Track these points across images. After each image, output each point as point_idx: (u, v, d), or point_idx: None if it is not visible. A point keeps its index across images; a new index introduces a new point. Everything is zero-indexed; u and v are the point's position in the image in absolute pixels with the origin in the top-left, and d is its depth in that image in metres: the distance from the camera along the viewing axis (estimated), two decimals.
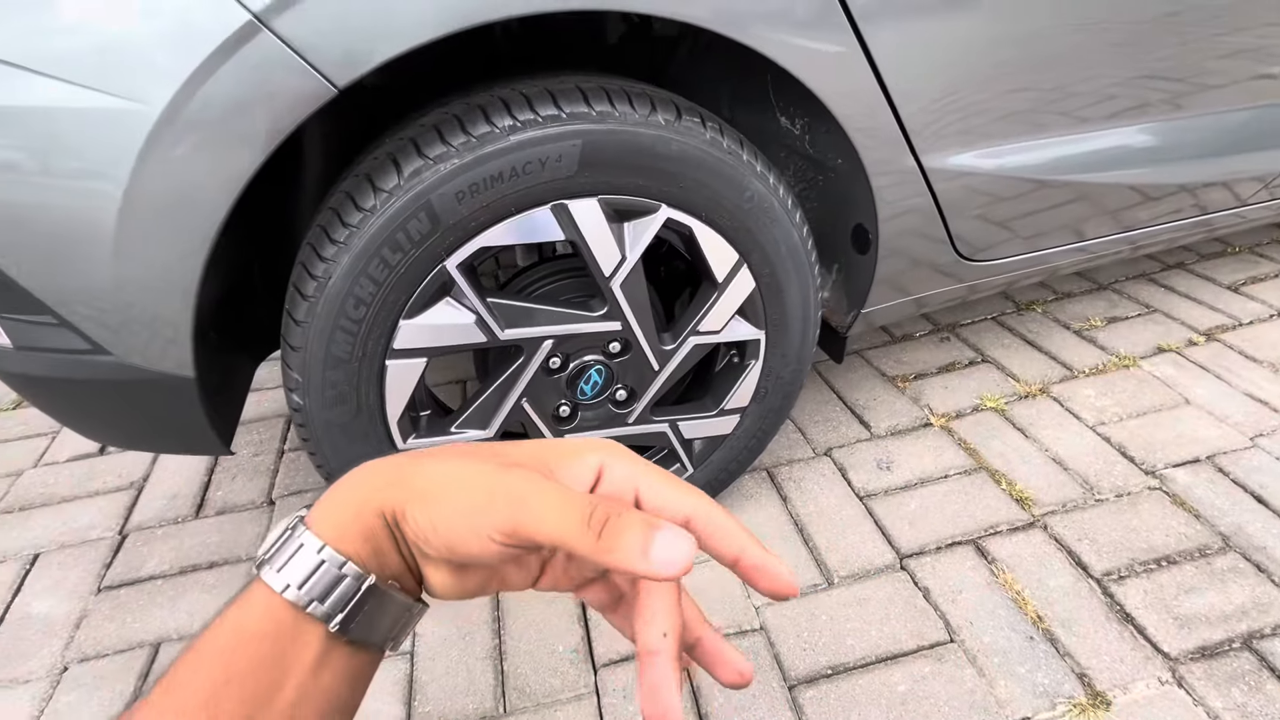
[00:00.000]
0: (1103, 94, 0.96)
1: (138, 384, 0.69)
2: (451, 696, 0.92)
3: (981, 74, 0.83)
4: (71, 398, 0.73)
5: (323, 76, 0.57)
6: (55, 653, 1.02)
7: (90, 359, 0.67)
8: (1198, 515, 1.07)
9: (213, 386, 0.76)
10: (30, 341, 0.68)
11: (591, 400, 0.90)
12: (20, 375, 0.72)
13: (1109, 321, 1.53)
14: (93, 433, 0.83)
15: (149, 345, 0.67)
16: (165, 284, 0.63)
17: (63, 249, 0.61)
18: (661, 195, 0.75)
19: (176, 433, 0.77)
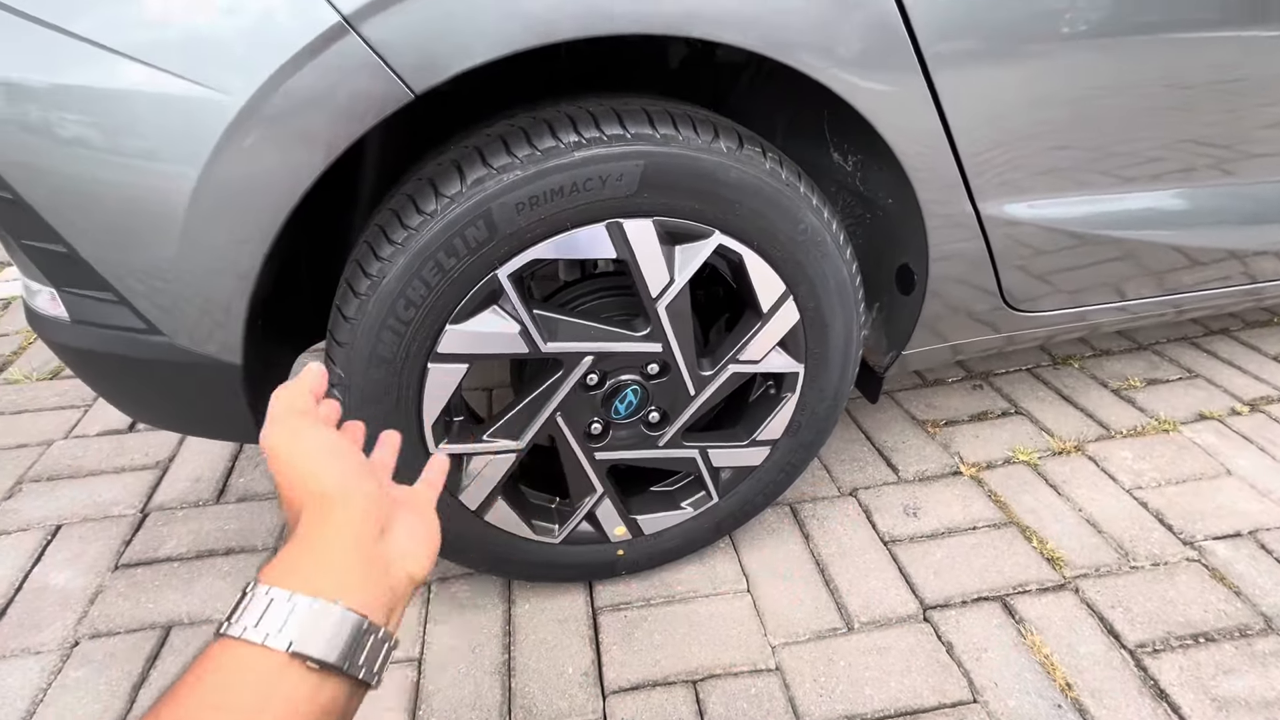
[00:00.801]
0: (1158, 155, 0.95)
1: (186, 366, 0.69)
2: (457, 709, 0.90)
3: (1047, 124, 0.83)
4: (119, 375, 0.74)
5: (402, 81, 0.58)
6: (68, 626, 1.02)
7: (143, 338, 0.68)
8: (1238, 592, 1.03)
9: (255, 375, 0.76)
10: (87, 316, 0.69)
11: (624, 420, 0.89)
12: (72, 348, 0.73)
13: (1149, 383, 1.50)
14: (134, 410, 0.84)
15: (201, 329, 0.68)
16: (225, 270, 0.64)
17: (131, 228, 0.62)
18: (716, 221, 0.75)
19: (217, 418, 0.78)
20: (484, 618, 1.02)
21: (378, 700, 0.91)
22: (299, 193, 0.61)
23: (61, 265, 0.66)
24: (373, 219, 0.73)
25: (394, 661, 0.96)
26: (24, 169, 0.60)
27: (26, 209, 0.62)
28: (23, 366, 1.66)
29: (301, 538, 0.35)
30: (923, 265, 0.93)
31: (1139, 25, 0.81)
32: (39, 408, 1.51)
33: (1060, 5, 0.76)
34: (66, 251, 0.64)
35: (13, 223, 0.64)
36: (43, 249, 0.65)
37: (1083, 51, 0.79)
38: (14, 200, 0.62)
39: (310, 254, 0.95)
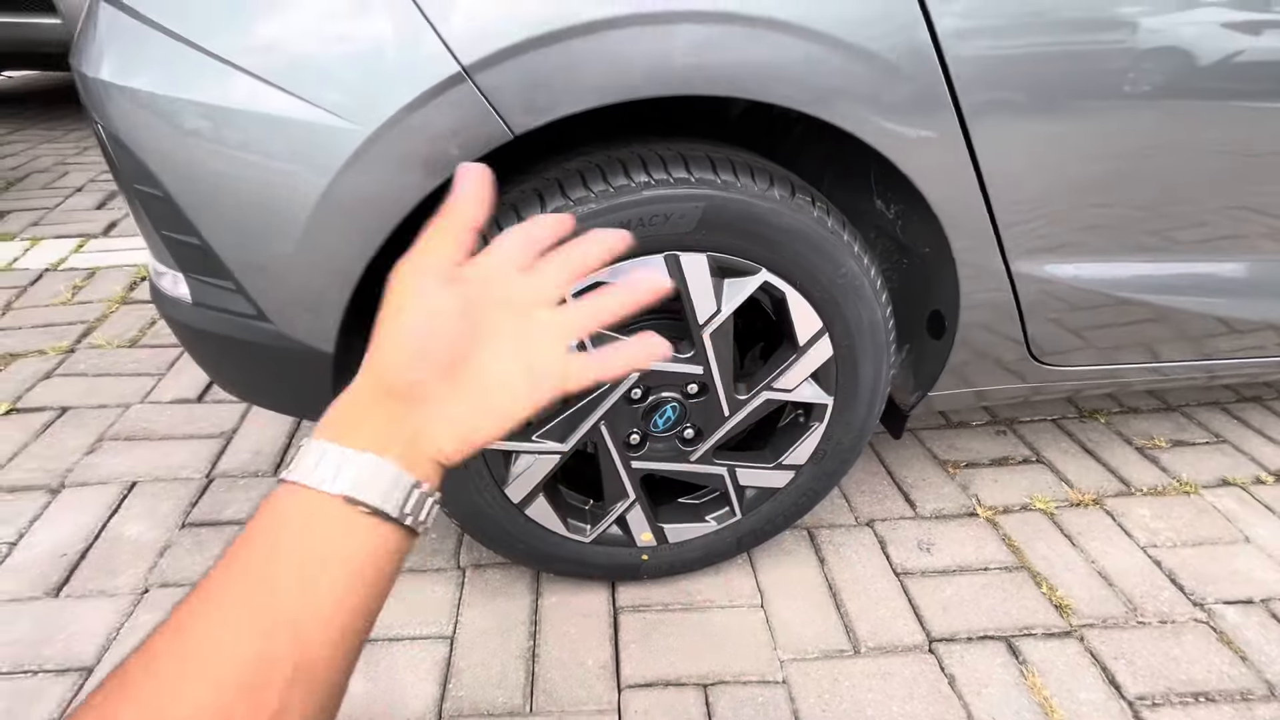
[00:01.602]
0: (1195, 221, 0.99)
1: (286, 352, 0.79)
2: (484, 686, 0.97)
3: (1081, 185, 0.88)
4: (226, 354, 0.84)
5: (504, 123, 0.66)
6: (140, 574, 1.12)
7: (253, 323, 0.78)
8: (1244, 657, 1.05)
9: (339, 362, 0.86)
10: (207, 300, 0.79)
11: (662, 433, 0.96)
12: (187, 326, 0.83)
13: (1174, 444, 1.52)
14: (231, 386, 0.94)
15: (304, 320, 0.77)
16: (333, 271, 0.73)
17: (259, 228, 0.72)
18: (764, 260, 0.83)
19: (303, 399, 0.87)
20: (513, 605, 1.09)
21: (413, 671, 0.99)
22: (406, 210, 0.70)
23: (193, 255, 0.76)
24: None
25: (429, 637, 1.04)
26: (176, 172, 0.71)
27: (173, 205, 0.72)
28: (105, 333, 1.80)
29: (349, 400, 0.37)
30: (954, 312, 0.99)
31: (1179, 89, 0.84)
32: (118, 373, 1.64)
33: (1101, 68, 0.80)
34: (200, 244, 0.74)
35: (159, 216, 0.75)
36: (179, 240, 0.75)
37: (1120, 115, 0.83)
38: (164, 198, 0.72)
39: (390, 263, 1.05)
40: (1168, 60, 0.82)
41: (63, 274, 2.11)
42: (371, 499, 0.33)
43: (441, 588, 1.12)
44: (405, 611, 1.07)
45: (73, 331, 1.80)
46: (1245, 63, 0.84)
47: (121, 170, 0.74)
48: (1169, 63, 0.82)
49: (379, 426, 0.35)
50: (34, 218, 2.50)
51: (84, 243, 2.32)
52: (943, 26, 0.74)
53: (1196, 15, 0.81)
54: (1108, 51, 0.80)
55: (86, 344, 1.75)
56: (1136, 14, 0.79)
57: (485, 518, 0.97)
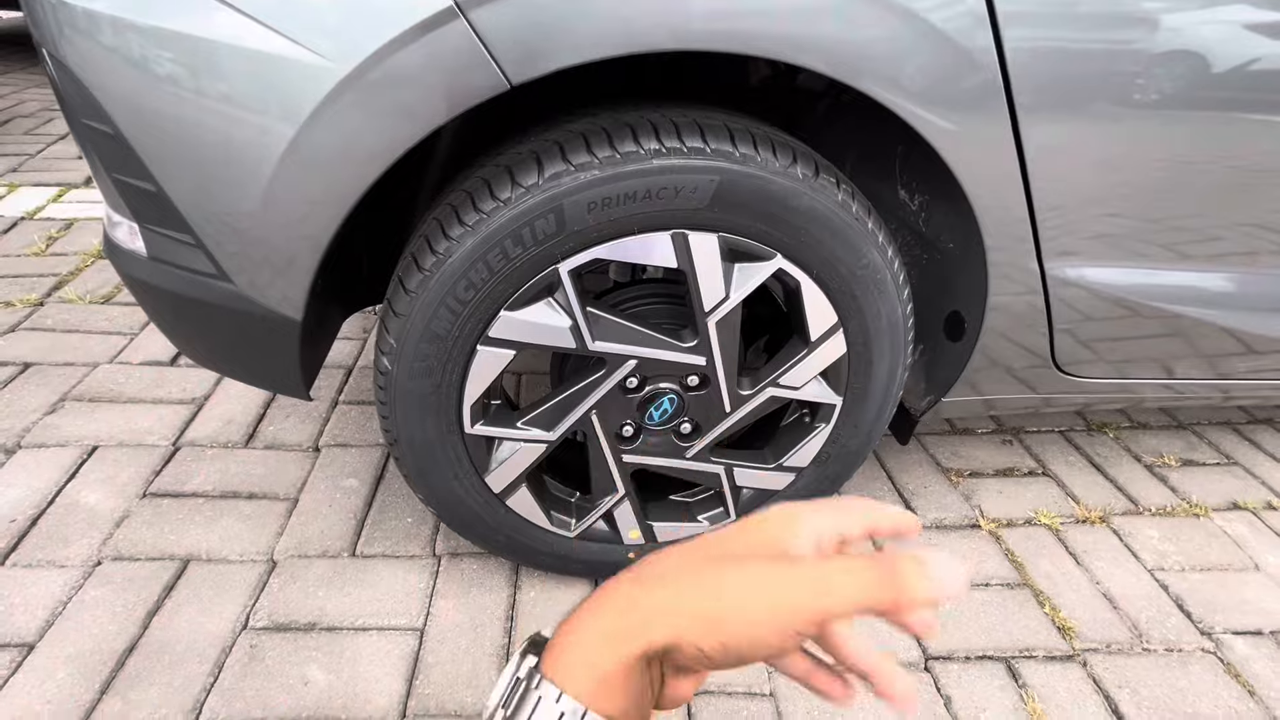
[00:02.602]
0: (1250, 232, 0.93)
1: (249, 316, 0.72)
2: (453, 685, 0.91)
3: (1130, 189, 0.81)
4: (183, 314, 0.76)
5: (501, 71, 0.59)
6: (93, 545, 1.06)
7: (212, 283, 0.71)
8: (1252, 692, 1.00)
9: (309, 332, 0.78)
10: (163, 255, 0.72)
11: (657, 427, 0.90)
12: (143, 283, 0.75)
13: (1184, 463, 1.46)
14: (192, 350, 0.86)
15: (269, 282, 0.70)
16: (302, 229, 0.66)
17: (220, 177, 0.64)
18: (780, 245, 0.76)
19: (268, 369, 0.80)
20: (490, 599, 1.03)
21: (377, 665, 0.93)
22: (385, 165, 0.63)
23: (147, 202, 0.68)
24: (446, 197, 0.74)
25: (397, 629, 0.98)
26: (127, 105, 0.63)
27: (123, 144, 0.64)
28: (78, 288, 1.71)
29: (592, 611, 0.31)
30: (977, 314, 0.92)
31: (1245, 102, 0.79)
32: (88, 330, 1.56)
33: (1165, 73, 0.75)
34: (155, 190, 0.66)
35: (108, 155, 0.67)
36: (132, 185, 0.67)
37: (1182, 121, 0.78)
38: (113, 135, 0.64)
39: (371, 225, 0.97)
40: (1236, 70, 0.76)
41: (38, 223, 2.01)
42: None
43: (414, 576, 1.06)
44: (373, 599, 1.01)
45: (43, 284, 1.72)
46: None
47: (68, 102, 0.66)
48: (1237, 72, 0.76)
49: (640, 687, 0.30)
50: (13, 164, 2.40)
51: (64, 192, 2.22)
52: (1004, 9, 0.66)
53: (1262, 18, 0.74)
54: (1173, 53, 0.73)
55: (57, 298, 1.67)
56: (1207, 18, 0.72)
57: (463, 506, 0.91)
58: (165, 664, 0.90)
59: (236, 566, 1.05)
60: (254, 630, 0.96)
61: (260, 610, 0.98)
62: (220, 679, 0.89)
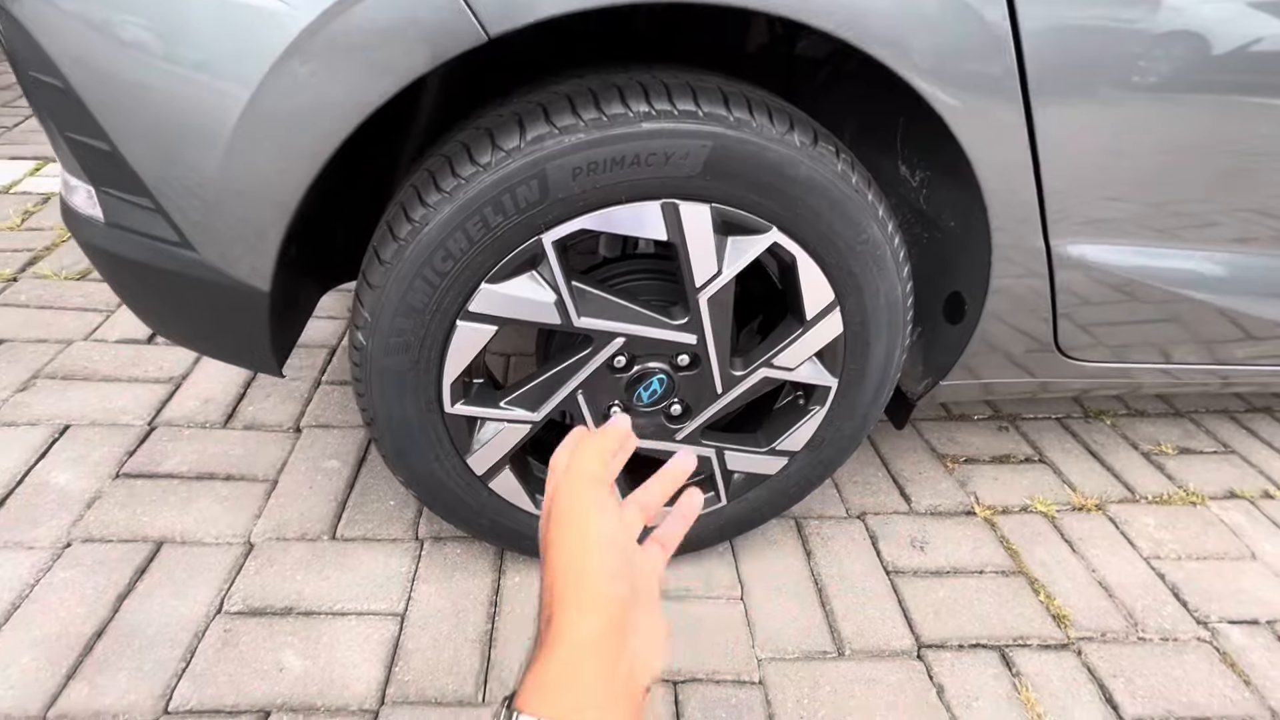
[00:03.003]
0: (1262, 218, 0.90)
1: (214, 287, 0.68)
2: (434, 672, 0.89)
3: (1144, 168, 0.78)
4: (146, 284, 0.72)
5: (478, 21, 0.55)
6: (63, 526, 1.02)
7: (175, 251, 0.67)
8: (1248, 681, 0.99)
9: (280, 305, 0.75)
10: (121, 221, 0.67)
11: (646, 408, 0.87)
12: (103, 251, 0.71)
13: (1181, 451, 1.44)
14: (155, 323, 0.82)
15: (235, 251, 0.66)
16: (267, 194, 0.62)
17: (176, 137, 0.60)
18: (775, 217, 0.72)
19: (237, 343, 0.76)
20: (473, 584, 1.01)
21: (356, 651, 0.90)
22: (353, 124, 0.58)
23: (102, 164, 0.64)
24: (424, 162, 0.70)
25: (377, 614, 0.95)
26: (75, 57, 0.58)
27: (74, 100, 0.60)
28: (53, 263, 1.66)
29: (551, 651, 0.32)
30: (978, 295, 0.89)
31: (1260, 86, 0.76)
32: (63, 306, 1.51)
33: (1185, 51, 0.71)
34: (109, 150, 0.62)
35: (59, 112, 0.62)
36: (86, 144, 0.63)
37: (1198, 105, 0.75)
38: (63, 89, 0.60)
39: (347, 194, 0.93)
40: (1254, 57, 0.72)
41: (14, 197, 1.95)
42: None
43: (395, 560, 1.03)
44: (353, 584, 0.98)
45: (18, 259, 1.66)
46: None
47: (14, 54, 0.61)
48: (1255, 60, 0.72)
49: (602, 686, 0.31)
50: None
51: (40, 166, 2.15)
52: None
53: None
54: (1190, 32, 0.70)
55: (31, 273, 1.61)
56: None
57: (444, 489, 0.88)
58: (135, 648, 0.87)
59: (212, 549, 1.01)
60: (228, 614, 0.93)
61: (235, 594, 0.95)
62: (192, 664, 0.86)
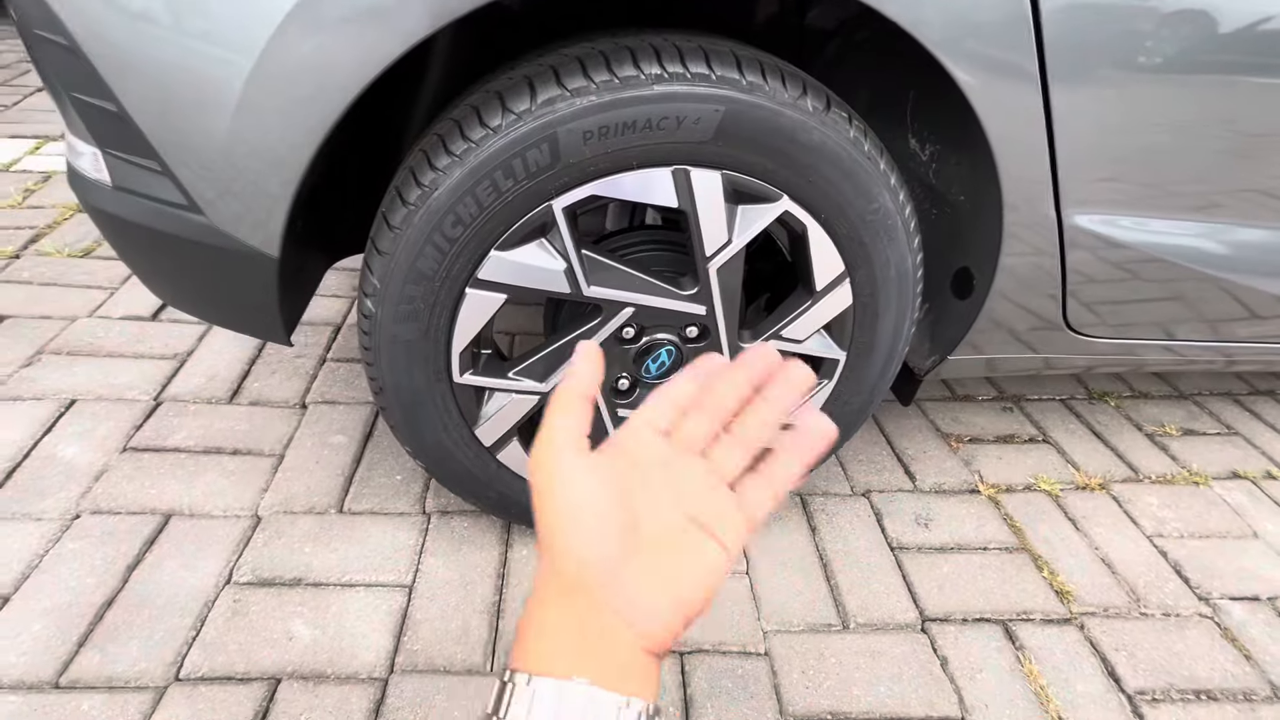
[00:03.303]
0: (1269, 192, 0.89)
1: (222, 252, 0.67)
2: (442, 641, 0.89)
3: (1162, 140, 0.78)
4: (153, 250, 0.72)
5: None
6: (71, 498, 1.02)
7: (182, 215, 0.66)
8: (1248, 656, 0.99)
9: (290, 273, 0.74)
10: (129, 184, 0.67)
11: (654, 379, 0.87)
12: (109, 215, 0.71)
13: (1185, 433, 1.45)
14: (163, 290, 0.82)
15: (243, 215, 0.66)
16: (276, 157, 0.61)
17: (184, 99, 0.59)
18: (787, 185, 0.71)
19: (245, 310, 0.76)
20: (480, 556, 1.01)
21: (364, 621, 0.91)
22: (360, 86, 0.58)
23: (109, 125, 0.63)
24: (433, 126, 0.69)
25: (385, 585, 0.96)
26: (83, 16, 0.58)
27: (81, 59, 0.59)
28: (55, 241, 1.66)
29: (527, 609, 0.33)
30: (987, 270, 0.89)
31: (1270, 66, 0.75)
32: (67, 283, 1.51)
33: (1204, 24, 0.70)
34: (116, 111, 0.61)
35: (65, 72, 0.62)
36: (92, 105, 0.62)
37: (1215, 84, 0.75)
38: (69, 48, 0.59)
39: (358, 164, 0.93)
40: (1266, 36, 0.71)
41: (14, 175, 1.94)
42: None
43: (403, 533, 1.03)
44: (360, 556, 0.99)
45: (20, 236, 1.66)
46: None
47: (20, 11, 0.61)
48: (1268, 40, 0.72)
49: (572, 637, 0.31)
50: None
51: (41, 144, 2.14)
52: None
53: None
54: (1207, 14, 0.69)
55: (33, 251, 1.61)
56: None
57: (453, 461, 0.88)
58: (145, 618, 0.88)
59: (220, 521, 1.02)
60: (237, 585, 0.93)
61: (244, 565, 0.96)
62: (202, 633, 0.87)
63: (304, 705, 0.81)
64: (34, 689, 0.79)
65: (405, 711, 0.81)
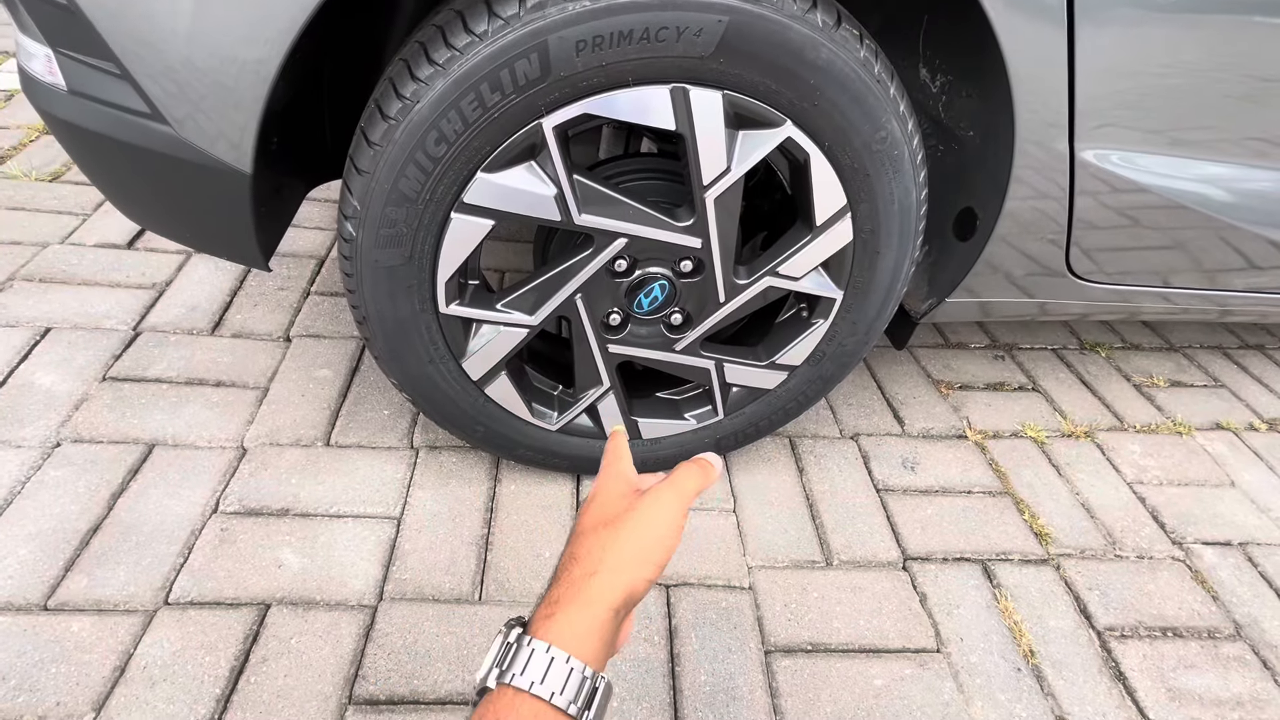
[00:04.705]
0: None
1: (190, 166, 0.63)
2: (431, 571, 0.90)
3: (1188, 76, 0.74)
4: (118, 164, 0.67)
5: None
6: (51, 427, 1.01)
7: (146, 124, 0.62)
8: (1216, 597, 1.03)
9: (265, 193, 0.70)
10: (85, 88, 0.62)
11: (646, 315, 0.85)
12: (67, 124, 0.66)
13: (1172, 384, 1.46)
14: (130, 209, 0.78)
15: (211, 126, 0.61)
16: (243, 61, 0.57)
17: None
18: (790, 109, 0.68)
19: (218, 231, 0.72)
20: (468, 491, 1.01)
21: (353, 551, 0.91)
22: None
23: (61, 21, 0.58)
24: (415, 34, 0.64)
25: (373, 516, 0.96)
26: None
27: None
28: (21, 163, 1.58)
29: (568, 594, 0.39)
30: (992, 211, 0.86)
31: None
32: (35, 208, 1.44)
33: None
34: (66, 4, 0.56)
35: None
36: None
37: (1238, 25, 0.70)
38: None
39: (338, 79, 0.87)
40: None
41: None
42: (585, 704, 0.36)
43: (391, 467, 1.03)
44: (348, 488, 0.99)
45: None
46: None
47: None
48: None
49: (610, 637, 0.39)
50: None
51: (4, 60, 2.01)
52: None
53: None
54: None
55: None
56: None
57: (439, 393, 0.86)
58: (132, 544, 0.88)
59: (204, 452, 1.01)
60: (224, 514, 0.93)
61: (230, 495, 0.95)
62: (190, 560, 0.87)
63: (294, 630, 0.82)
64: (22, 610, 0.80)
65: (395, 637, 0.82)
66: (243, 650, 0.79)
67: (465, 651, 0.82)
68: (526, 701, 0.34)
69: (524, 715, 0.34)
